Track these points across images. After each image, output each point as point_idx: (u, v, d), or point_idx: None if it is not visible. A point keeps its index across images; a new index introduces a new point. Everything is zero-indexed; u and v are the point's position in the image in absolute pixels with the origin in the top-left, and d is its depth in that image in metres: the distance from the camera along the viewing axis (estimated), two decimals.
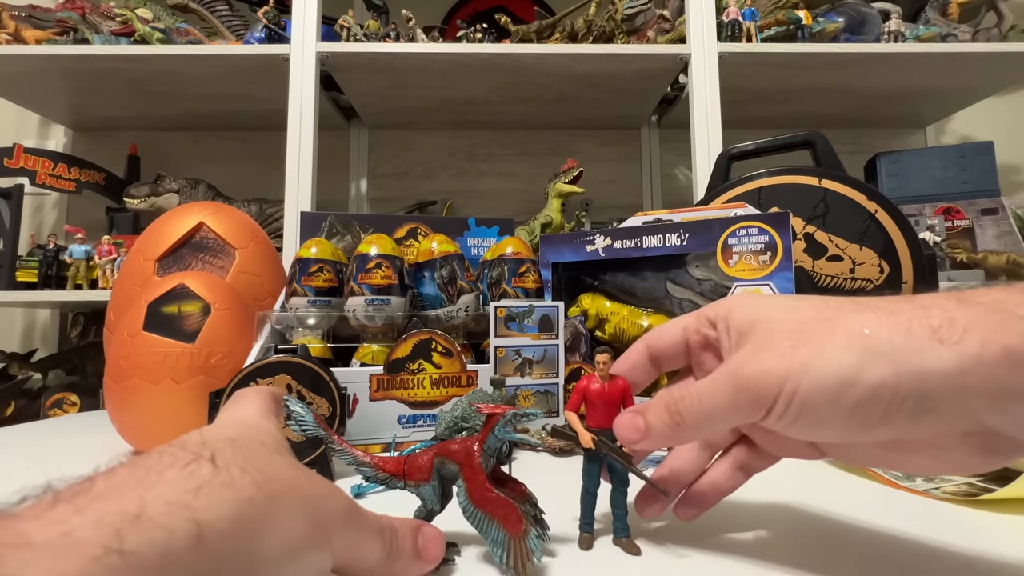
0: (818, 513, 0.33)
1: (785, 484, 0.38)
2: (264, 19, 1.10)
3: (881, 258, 0.59)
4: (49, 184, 1.17)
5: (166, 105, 1.28)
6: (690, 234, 0.60)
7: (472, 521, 0.25)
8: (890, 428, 0.20)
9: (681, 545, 0.28)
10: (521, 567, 0.24)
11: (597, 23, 1.15)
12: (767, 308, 0.24)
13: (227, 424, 0.22)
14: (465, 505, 0.26)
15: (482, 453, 0.26)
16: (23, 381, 1.23)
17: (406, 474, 0.27)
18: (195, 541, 0.14)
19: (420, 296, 0.57)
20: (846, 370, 0.20)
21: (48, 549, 0.12)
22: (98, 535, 0.12)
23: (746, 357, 0.23)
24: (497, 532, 0.25)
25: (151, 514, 0.14)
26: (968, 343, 0.19)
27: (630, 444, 0.26)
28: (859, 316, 0.21)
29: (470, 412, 0.29)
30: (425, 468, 0.27)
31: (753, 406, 0.22)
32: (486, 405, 0.28)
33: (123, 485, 0.15)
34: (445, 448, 0.27)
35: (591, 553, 0.27)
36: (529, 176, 1.41)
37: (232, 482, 0.16)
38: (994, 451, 0.21)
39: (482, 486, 0.25)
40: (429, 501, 0.27)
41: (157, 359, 0.49)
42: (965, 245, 1.10)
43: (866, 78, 1.19)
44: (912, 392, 0.19)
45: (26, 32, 1.11)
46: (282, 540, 0.17)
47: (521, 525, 0.25)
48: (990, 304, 0.19)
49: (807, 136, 0.67)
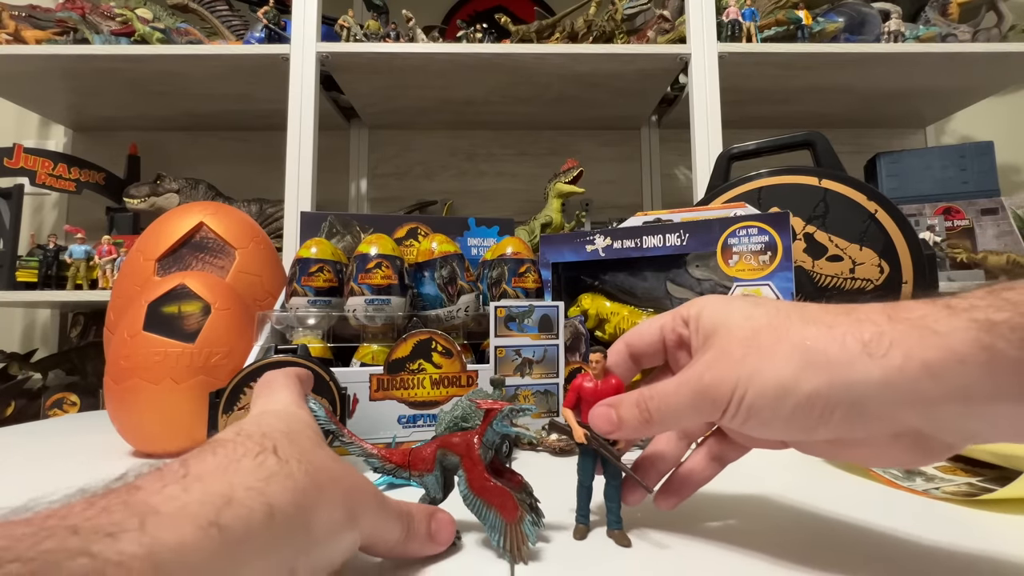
0: (816, 512, 0.33)
1: (784, 483, 0.38)
2: (264, 19, 1.10)
3: (881, 258, 0.59)
4: (49, 184, 1.17)
5: (166, 105, 1.28)
6: (690, 234, 0.60)
7: (471, 508, 0.27)
8: (827, 430, 0.23)
9: (673, 539, 0.28)
10: (516, 550, 0.26)
11: (597, 23, 1.15)
12: (728, 314, 0.26)
13: (277, 416, 0.26)
14: (465, 493, 0.27)
15: (481, 446, 0.28)
16: (23, 381, 1.23)
17: (411, 465, 0.29)
18: (268, 519, 0.18)
19: (420, 296, 0.57)
20: (785, 380, 0.23)
21: (171, 518, 0.15)
22: (203, 510, 0.16)
23: (707, 363, 0.25)
24: (494, 518, 0.26)
25: (239, 496, 0.18)
26: (893, 356, 0.21)
27: (604, 434, 0.29)
28: (802, 328, 0.24)
29: (470, 412, 0.30)
30: (428, 459, 0.29)
31: (710, 408, 0.25)
32: (485, 401, 0.29)
33: (214, 471, 0.19)
34: (447, 441, 0.29)
35: (584, 543, 0.28)
36: (529, 176, 1.41)
37: (292, 474, 0.20)
38: (924, 450, 0.23)
39: (481, 476, 0.27)
40: (432, 490, 0.29)
41: (157, 359, 0.49)
42: (965, 245, 1.10)
43: (866, 78, 1.19)
44: (843, 400, 0.22)
45: (26, 32, 1.11)
46: (327, 521, 0.21)
47: (517, 512, 0.26)
48: (915, 320, 0.21)
49: (807, 136, 0.67)
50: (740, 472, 0.31)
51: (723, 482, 0.30)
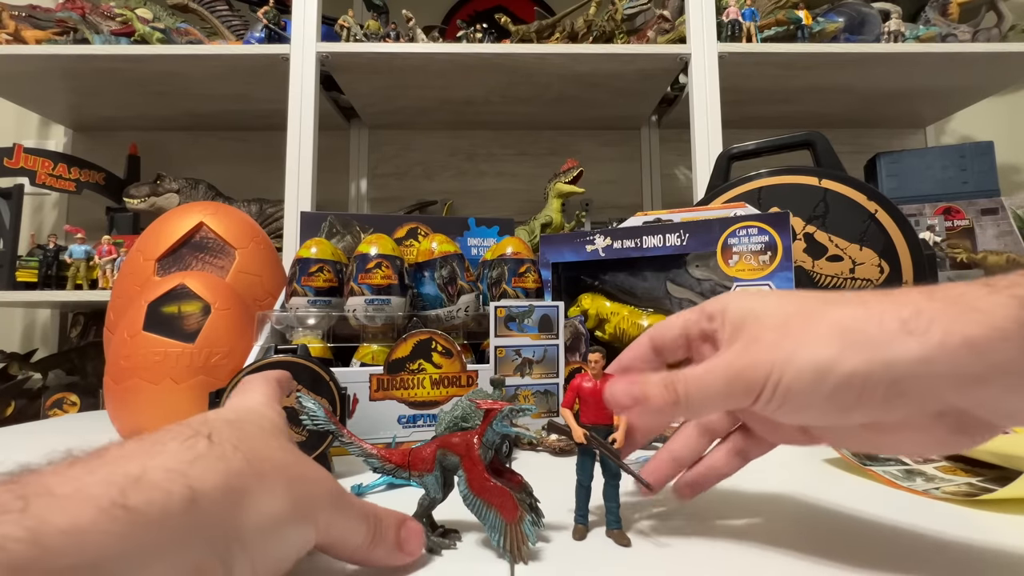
0: (816, 512, 0.33)
1: (784, 483, 0.38)
2: (264, 19, 1.10)
3: (881, 258, 0.59)
4: (49, 184, 1.17)
5: (166, 105, 1.28)
6: (690, 234, 0.60)
7: (472, 508, 0.27)
8: (866, 411, 0.22)
9: (673, 539, 0.28)
10: (517, 550, 0.26)
11: (597, 23, 1.15)
12: (758, 304, 0.26)
13: (231, 409, 0.25)
14: (465, 493, 0.27)
15: (480, 446, 0.28)
16: (23, 381, 1.23)
17: (411, 465, 0.29)
18: (188, 504, 0.16)
19: (420, 296, 0.57)
20: (823, 360, 0.22)
21: (65, 499, 0.14)
22: (106, 491, 0.15)
23: (739, 350, 0.25)
24: (495, 518, 0.26)
25: (151, 477, 0.16)
26: (933, 333, 0.20)
27: (619, 409, 0.28)
28: (837, 310, 0.23)
29: (470, 412, 0.30)
30: (428, 459, 0.29)
31: (744, 393, 0.24)
32: (484, 401, 0.29)
33: (130, 453, 0.17)
34: (447, 441, 0.29)
35: (584, 543, 0.28)
36: (529, 176, 1.41)
37: (224, 456, 0.19)
38: (965, 430, 0.22)
39: (481, 476, 0.27)
40: (432, 490, 0.29)
41: (157, 359, 0.49)
42: (965, 245, 1.10)
43: (866, 78, 1.19)
44: (883, 378, 0.21)
45: (26, 32, 1.11)
46: (266, 511, 0.19)
47: (517, 512, 0.26)
48: (954, 297, 0.21)
49: (807, 136, 0.67)
50: (740, 471, 0.31)
51: (723, 482, 0.30)
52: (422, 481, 0.29)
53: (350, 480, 0.40)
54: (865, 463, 0.41)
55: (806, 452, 0.48)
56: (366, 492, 0.37)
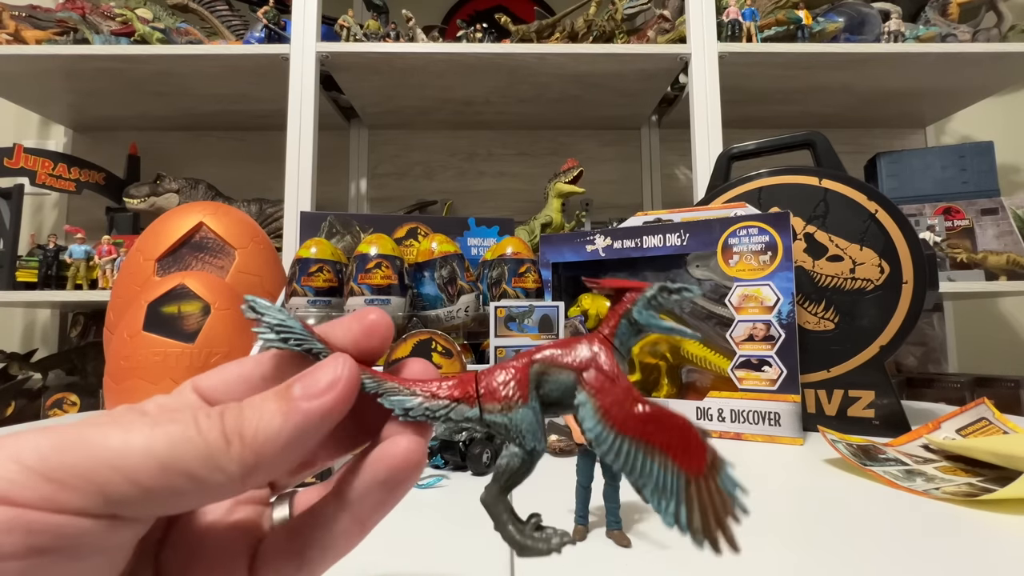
0: (816, 512, 0.33)
1: (784, 482, 0.38)
2: (264, 19, 1.10)
3: (881, 258, 0.59)
4: (49, 184, 1.17)
5: (166, 105, 1.28)
6: (690, 234, 0.60)
7: (614, 458, 0.16)
8: None
9: (673, 539, 0.28)
10: (718, 523, 0.15)
11: (597, 23, 1.15)
12: None
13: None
14: (599, 433, 0.16)
15: (614, 347, 0.17)
16: (23, 381, 1.23)
17: (482, 397, 0.17)
18: None
19: (420, 296, 0.57)
20: None
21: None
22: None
23: None
24: (661, 473, 0.15)
25: None
26: None
27: None
28: None
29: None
30: (517, 384, 0.17)
31: None
32: (612, 279, 0.19)
33: None
34: (547, 353, 0.17)
35: (584, 544, 0.28)
36: (529, 176, 1.41)
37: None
38: None
39: (626, 396, 0.16)
40: (529, 435, 0.17)
41: (157, 359, 0.49)
42: (965, 245, 1.10)
43: (866, 78, 1.19)
44: None
45: (26, 32, 1.11)
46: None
47: (705, 454, 0.15)
48: None
49: (807, 136, 0.67)
50: (740, 471, 0.31)
51: None
52: (510, 422, 0.17)
53: None
54: (865, 463, 0.41)
55: (806, 452, 0.48)
56: None
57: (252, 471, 0.14)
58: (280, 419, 0.15)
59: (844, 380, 0.59)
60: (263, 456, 0.14)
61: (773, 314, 0.55)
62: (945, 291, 1.05)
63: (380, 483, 0.16)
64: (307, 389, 0.15)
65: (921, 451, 0.46)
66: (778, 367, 0.54)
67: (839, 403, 0.58)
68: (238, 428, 0.15)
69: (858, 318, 0.59)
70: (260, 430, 0.15)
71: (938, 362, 1.33)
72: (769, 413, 0.53)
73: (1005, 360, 1.39)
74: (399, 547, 0.28)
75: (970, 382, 1.13)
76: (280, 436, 0.15)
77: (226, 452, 0.14)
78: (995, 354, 1.39)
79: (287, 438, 0.15)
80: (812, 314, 0.61)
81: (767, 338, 0.55)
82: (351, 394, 0.16)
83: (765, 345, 0.55)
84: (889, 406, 0.56)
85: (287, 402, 0.15)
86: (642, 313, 0.18)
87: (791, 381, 0.53)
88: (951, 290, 1.06)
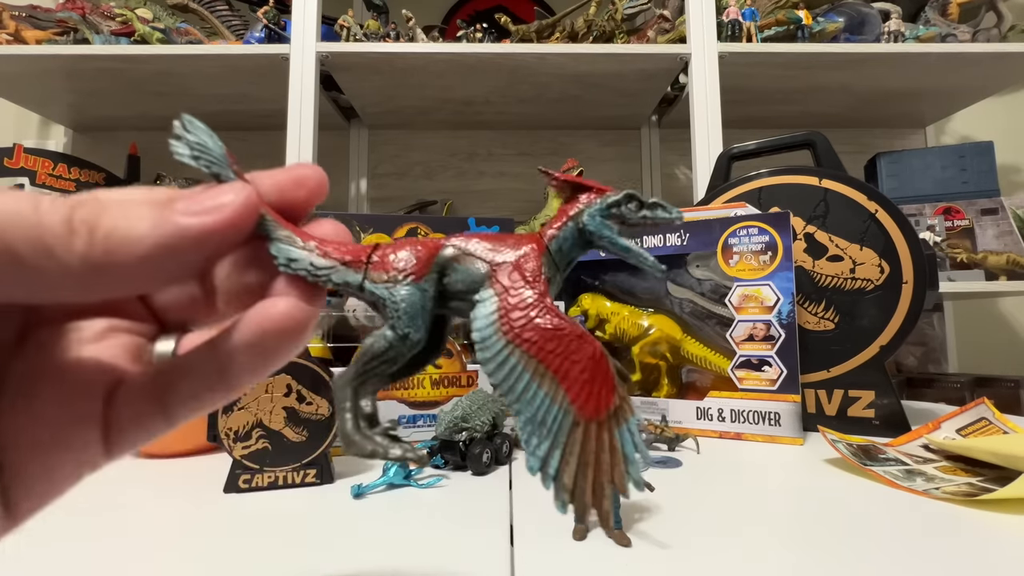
0: (816, 512, 0.33)
1: (783, 482, 0.38)
2: (264, 19, 1.10)
3: (881, 258, 0.59)
4: (49, 184, 1.17)
5: (166, 105, 1.28)
6: (690, 234, 0.60)
7: (495, 369, 0.13)
8: None
9: (673, 539, 0.28)
10: (594, 491, 0.12)
11: (597, 23, 1.15)
12: None
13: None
14: (488, 336, 0.14)
15: (547, 251, 0.15)
16: None
17: (371, 265, 0.15)
18: None
19: None
20: None
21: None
22: None
23: None
24: (546, 402, 0.12)
25: None
26: None
27: None
28: None
29: (471, 412, 0.29)
30: (418, 260, 0.15)
31: None
32: (572, 175, 0.17)
33: None
34: (468, 244, 0.15)
35: (584, 543, 0.28)
36: (529, 176, 1.41)
37: None
38: None
39: (535, 305, 0.14)
40: (406, 317, 0.14)
41: None
42: (965, 245, 1.10)
43: (866, 78, 1.19)
44: None
45: (26, 32, 1.11)
46: None
47: (612, 397, 0.12)
48: None
49: (807, 136, 0.67)
50: (740, 471, 0.31)
51: (722, 481, 0.30)
52: (390, 297, 0.15)
53: (351, 480, 0.40)
54: (865, 463, 0.41)
55: (806, 452, 0.48)
56: (366, 492, 0.37)
57: (97, 271, 0.13)
58: (147, 225, 0.13)
59: (844, 380, 0.59)
60: (115, 258, 0.13)
61: (773, 314, 0.55)
62: (945, 291, 1.05)
63: (249, 346, 0.15)
64: (191, 205, 0.14)
65: (921, 451, 0.46)
66: (778, 367, 0.54)
67: (839, 403, 0.58)
68: (91, 220, 0.13)
69: (858, 318, 0.59)
70: (118, 228, 0.13)
71: (938, 362, 1.34)
72: (769, 413, 0.53)
73: (1005, 360, 1.39)
74: (399, 547, 0.28)
75: (970, 382, 1.13)
76: (141, 243, 0.13)
77: (65, 239, 0.12)
78: (995, 354, 1.40)
79: (149, 248, 0.13)
80: (812, 314, 0.61)
81: (767, 338, 0.55)
82: (240, 224, 0.14)
83: (765, 345, 0.55)
84: (889, 406, 0.56)
85: (162, 211, 0.14)
86: (595, 219, 0.15)
87: (791, 381, 0.53)
88: (951, 290, 1.06)
